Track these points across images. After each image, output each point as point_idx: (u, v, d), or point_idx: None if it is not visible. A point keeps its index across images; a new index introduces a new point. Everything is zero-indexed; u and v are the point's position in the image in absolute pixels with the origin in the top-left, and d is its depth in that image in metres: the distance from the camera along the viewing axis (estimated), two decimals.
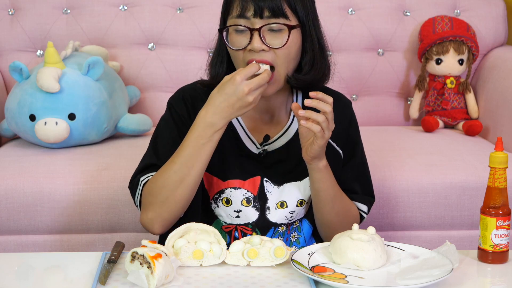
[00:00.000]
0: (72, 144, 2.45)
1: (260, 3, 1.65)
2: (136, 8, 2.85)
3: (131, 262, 1.47)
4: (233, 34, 1.69)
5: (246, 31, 1.66)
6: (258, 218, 1.77)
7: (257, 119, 1.80)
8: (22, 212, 2.22)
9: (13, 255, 1.75)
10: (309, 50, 1.73)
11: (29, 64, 2.76)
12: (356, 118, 1.87)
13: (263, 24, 1.66)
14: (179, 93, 1.82)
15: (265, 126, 1.80)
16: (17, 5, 2.83)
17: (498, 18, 2.92)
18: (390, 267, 1.54)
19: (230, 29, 1.69)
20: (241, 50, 1.68)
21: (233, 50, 1.69)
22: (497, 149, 1.59)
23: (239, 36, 1.68)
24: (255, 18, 1.66)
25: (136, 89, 2.78)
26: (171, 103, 1.81)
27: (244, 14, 1.66)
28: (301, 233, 1.81)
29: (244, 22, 1.67)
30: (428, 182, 2.29)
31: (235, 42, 1.69)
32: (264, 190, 1.77)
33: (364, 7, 2.90)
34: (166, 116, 1.80)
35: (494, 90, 2.70)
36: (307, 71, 1.73)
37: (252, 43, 1.66)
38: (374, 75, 2.89)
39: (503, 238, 1.59)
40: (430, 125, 2.69)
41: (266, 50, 1.66)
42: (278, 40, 1.67)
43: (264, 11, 1.65)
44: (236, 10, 1.67)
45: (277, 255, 1.54)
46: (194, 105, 1.78)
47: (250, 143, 1.78)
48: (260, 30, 1.65)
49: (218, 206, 1.78)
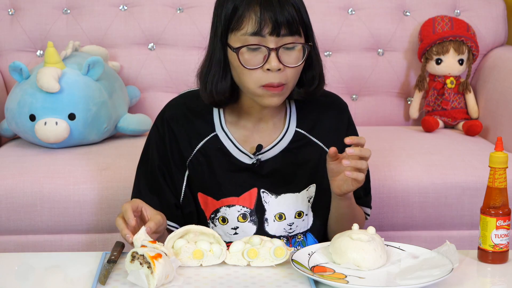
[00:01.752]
0: (72, 144, 2.45)
1: (279, 18, 1.60)
2: (136, 8, 2.85)
3: (131, 262, 1.47)
4: (245, 52, 1.63)
5: (261, 49, 1.62)
6: (256, 232, 1.76)
7: (251, 128, 1.76)
8: (22, 212, 2.22)
9: (13, 255, 1.75)
10: (316, 63, 1.71)
11: (29, 64, 2.76)
12: (353, 121, 1.85)
13: (278, 42, 1.61)
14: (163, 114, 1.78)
15: (259, 134, 1.77)
16: (17, 5, 2.83)
17: (498, 18, 2.92)
18: (390, 267, 1.54)
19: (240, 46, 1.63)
20: (255, 69, 1.63)
21: (246, 69, 1.63)
22: (497, 149, 1.59)
23: (252, 54, 1.63)
24: (272, 36, 1.61)
25: (136, 89, 2.78)
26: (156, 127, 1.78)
27: (261, 32, 1.61)
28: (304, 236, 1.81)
29: (259, 40, 1.61)
30: (428, 182, 2.29)
31: (248, 61, 1.62)
32: (261, 202, 1.75)
33: (364, 7, 2.90)
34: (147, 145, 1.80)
35: (494, 90, 2.70)
36: (316, 85, 1.72)
37: (269, 62, 1.61)
38: (374, 75, 2.89)
39: (503, 238, 1.59)
40: (430, 125, 2.69)
41: (281, 70, 1.63)
42: (292, 58, 1.64)
43: (282, 29, 1.61)
44: (249, 26, 1.61)
45: (277, 255, 1.54)
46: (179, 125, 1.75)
47: (242, 155, 1.75)
48: (278, 50, 1.61)
49: (215, 225, 1.77)
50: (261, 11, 1.60)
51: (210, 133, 1.75)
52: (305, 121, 1.78)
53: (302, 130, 1.78)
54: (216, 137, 1.75)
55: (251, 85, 1.64)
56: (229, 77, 1.68)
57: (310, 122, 1.79)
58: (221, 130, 1.75)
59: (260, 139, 1.76)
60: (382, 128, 2.78)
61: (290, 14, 1.61)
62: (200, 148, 1.75)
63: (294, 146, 1.77)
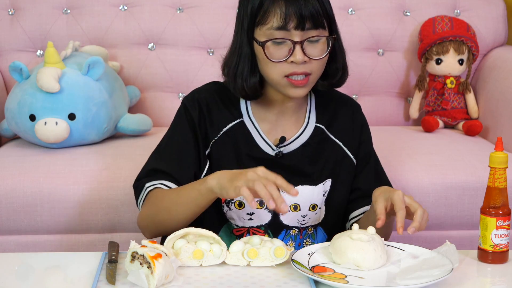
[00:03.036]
0: (72, 144, 2.45)
1: (304, 12, 1.63)
2: (136, 8, 2.85)
3: (131, 262, 1.47)
4: (271, 45, 1.67)
5: (286, 42, 1.66)
6: (271, 220, 1.77)
7: (274, 121, 1.79)
8: (22, 212, 2.22)
9: (13, 255, 1.75)
10: (339, 55, 1.75)
11: (29, 64, 2.76)
12: (367, 121, 1.89)
13: (303, 36, 1.65)
14: (193, 95, 1.81)
15: (281, 128, 1.80)
16: (17, 5, 2.83)
17: (498, 18, 2.92)
18: (390, 267, 1.54)
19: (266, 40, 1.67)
20: (280, 62, 1.67)
21: (271, 62, 1.67)
22: (497, 149, 1.59)
23: (277, 47, 1.67)
24: (297, 30, 1.65)
25: (136, 89, 2.78)
26: (185, 105, 1.79)
27: (286, 26, 1.64)
28: (315, 240, 1.81)
29: (284, 34, 1.65)
30: (428, 182, 2.29)
31: (273, 54, 1.67)
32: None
33: (364, 7, 2.90)
34: (178, 117, 1.80)
35: (494, 90, 2.70)
36: (340, 76, 1.76)
37: (294, 55, 1.65)
38: (374, 75, 2.89)
39: (503, 238, 1.59)
40: (430, 125, 2.69)
41: (307, 62, 1.67)
42: (317, 50, 1.67)
43: (306, 22, 1.64)
44: (275, 21, 1.65)
45: (277, 255, 1.54)
46: (209, 108, 1.78)
47: (266, 145, 1.78)
48: (303, 43, 1.65)
49: (230, 209, 1.77)
50: (286, 6, 1.64)
51: (238, 119, 1.79)
52: (324, 117, 1.82)
53: (322, 125, 1.81)
54: (243, 123, 1.78)
55: (275, 76, 1.68)
56: (257, 70, 1.72)
57: (327, 117, 1.82)
58: (248, 119, 1.79)
59: (282, 132, 1.79)
60: (382, 128, 2.78)
61: (314, 8, 1.64)
62: (227, 130, 1.78)
63: (314, 141, 1.80)
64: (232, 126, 1.78)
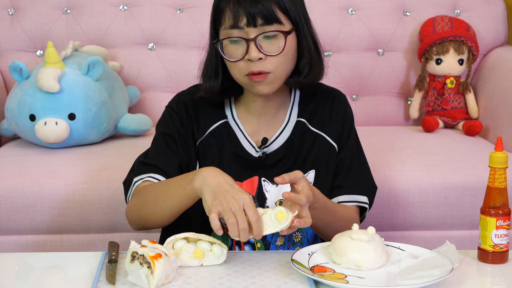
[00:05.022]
0: (72, 144, 2.45)
1: (252, 9, 1.63)
2: (136, 8, 2.85)
3: (131, 262, 1.47)
4: (228, 45, 1.68)
5: (241, 41, 1.66)
6: None
7: (257, 122, 1.80)
8: (22, 212, 2.22)
9: (13, 255, 1.75)
10: (306, 51, 1.72)
11: (29, 64, 2.76)
12: (351, 111, 1.86)
13: (257, 33, 1.65)
14: (179, 97, 1.82)
15: (264, 128, 1.80)
16: (17, 5, 2.83)
17: (498, 18, 2.92)
18: (390, 267, 1.54)
19: (225, 40, 1.68)
20: (239, 61, 1.67)
21: (231, 62, 1.68)
22: (497, 149, 1.59)
23: (234, 47, 1.67)
24: (249, 27, 1.65)
25: (136, 89, 2.78)
26: (171, 107, 1.81)
27: (238, 24, 1.65)
28: (304, 233, 1.81)
29: (238, 33, 1.65)
30: (428, 182, 2.29)
31: (231, 53, 1.68)
32: (262, 190, 1.77)
33: (364, 7, 2.90)
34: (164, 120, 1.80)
35: (494, 90, 2.70)
36: (306, 73, 1.73)
37: (249, 53, 1.65)
38: (374, 75, 2.89)
39: (503, 238, 1.59)
40: (430, 125, 2.69)
41: (263, 59, 1.66)
42: (274, 47, 1.66)
43: (257, 19, 1.64)
44: (228, 20, 1.66)
45: (279, 219, 1.51)
46: (195, 110, 1.79)
47: (250, 147, 1.78)
48: (256, 40, 1.65)
49: None
50: (235, 4, 1.64)
51: (223, 119, 1.80)
52: (305, 111, 1.81)
53: (303, 119, 1.80)
54: (228, 124, 1.79)
55: (238, 76, 1.70)
56: (220, 73, 1.73)
57: (309, 111, 1.81)
58: (233, 120, 1.80)
59: (265, 133, 1.79)
60: (382, 128, 2.78)
61: (264, 5, 1.64)
62: (213, 130, 1.79)
63: (296, 136, 1.79)
64: (217, 126, 1.79)
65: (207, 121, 1.79)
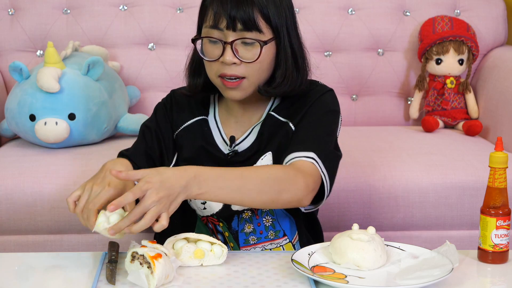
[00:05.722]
0: (72, 144, 2.45)
1: (233, 13, 1.63)
2: (136, 8, 2.85)
3: (131, 262, 1.47)
4: (207, 44, 1.69)
5: (219, 43, 1.66)
6: (221, 209, 1.77)
7: (234, 122, 1.80)
8: (22, 212, 2.22)
9: (13, 255, 1.74)
10: (282, 63, 1.71)
11: (29, 64, 2.76)
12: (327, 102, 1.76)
13: (235, 37, 1.65)
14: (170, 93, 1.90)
15: (240, 129, 1.80)
16: (17, 5, 2.83)
17: (498, 18, 2.92)
18: (390, 267, 1.54)
19: (205, 39, 1.69)
20: (214, 61, 1.67)
21: (206, 61, 1.70)
22: (497, 149, 1.59)
23: (212, 47, 1.68)
24: (228, 31, 1.65)
25: (136, 89, 2.78)
26: (160, 102, 1.89)
27: (218, 25, 1.65)
28: (275, 216, 1.78)
29: (218, 34, 1.66)
30: (428, 182, 2.29)
31: (208, 52, 1.69)
32: None
33: (364, 7, 2.90)
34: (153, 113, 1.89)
35: (494, 90, 2.70)
36: (278, 83, 1.71)
37: (224, 56, 1.65)
38: (374, 75, 2.89)
39: (503, 238, 1.59)
40: (430, 125, 2.69)
41: (237, 64, 1.66)
42: (251, 54, 1.66)
43: (237, 23, 1.63)
44: (209, 20, 1.66)
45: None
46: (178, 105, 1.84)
47: (224, 145, 1.79)
48: (233, 44, 1.65)
49: (190, 200, 1.79)
50: (218, 5, 1.65)
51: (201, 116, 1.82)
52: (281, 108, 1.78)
53: (274, 112, 1.78)
54: (205, 121, 1.81)
55: (211, 75, 1.72)
56: (203, 72, 1.75)
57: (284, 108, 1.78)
58: (213, 118, 1.81)
59: (242, 132, 1.79)
60: (382, 128, 2.78)
61: (246, 11, 1.63)
62: (188, 125, 1.82)
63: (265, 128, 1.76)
64: (193, 122, 1.82)
65: (185, 116, 1.82)
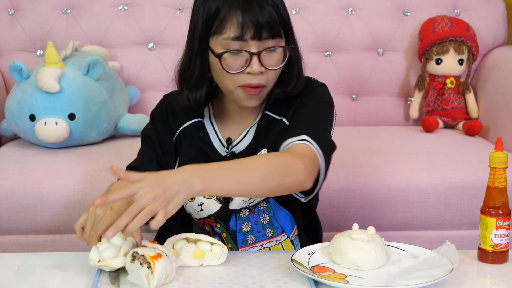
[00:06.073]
0: (72, 144, 2.45)
1: (260, 19, 1.59)
2: (136, 8, 2.85)
3: (131, 262, 1.47)
4: (227, 56, 1.63)
5: (242, 53, 1.62)
6: (219, 209, 1.76)
7: (231, 124, 1.79)
8: (22, 212, 2.22)
9: (13, 255, 1.74)
10: (295, 63, 1.71)
11: (29, 64, 2.76)
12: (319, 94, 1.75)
13: (260, 46, 1.62)
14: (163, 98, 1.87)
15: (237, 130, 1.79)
16: (17, 5, 2.83)
17: (498, 18, 2.92)
18: (390, 267, 1.54)
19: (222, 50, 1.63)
20: (238, 73, 1.64)
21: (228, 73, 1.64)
22: (497, 149, 1.59)
23: (233, 58, 1.63)
24: (253, 41, 1.61)
25: (136, 89, 2.78)
26: (154, 109, 1.85)
27: (243, 37, 1.61)
28: (272, 213, 1.78)
29: (240, 45, 1.61)
30: (428, 182, 2.29)
31: (230, 65, 1.63)
32: None
33: (364, 7, 2.90)
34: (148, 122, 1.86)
35: (494, 90, 2.70)
36: (293, 85, 1.71)
37: (251, 66, 1.62)
38: (374, 75, 2.89)
39: (503, 238, 1.59)
40: (430, 125, 2.69)
41: (264, 72, 1.64)
42: (273, 60, 1.65)
43: (263, 32, 1.61)
44: (231, 31, 1.61)
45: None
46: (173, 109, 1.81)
47: (221, 147, 1.78)
48: (260, 54, 1.62)
49: (186, 203, 1.78)
50: (242, 15, 1.60)
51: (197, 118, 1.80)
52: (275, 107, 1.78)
53: (269, 112, 1.77)
54: (201, 123, 1.79)
55: (230, 87, 1.66)
56: (206, 82, 1.70)
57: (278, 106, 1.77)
58: (209, 121, 1.80)
59: (239, 134, 1.78)
60: (382, 128, 2.78)
61: (271, 16, 1.61)
62: (185, 128, 1.79)
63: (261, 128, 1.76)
64: (189, 124, 1.79)
65: (181, 120, 1.80)
